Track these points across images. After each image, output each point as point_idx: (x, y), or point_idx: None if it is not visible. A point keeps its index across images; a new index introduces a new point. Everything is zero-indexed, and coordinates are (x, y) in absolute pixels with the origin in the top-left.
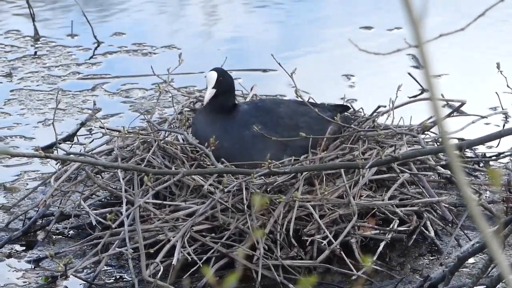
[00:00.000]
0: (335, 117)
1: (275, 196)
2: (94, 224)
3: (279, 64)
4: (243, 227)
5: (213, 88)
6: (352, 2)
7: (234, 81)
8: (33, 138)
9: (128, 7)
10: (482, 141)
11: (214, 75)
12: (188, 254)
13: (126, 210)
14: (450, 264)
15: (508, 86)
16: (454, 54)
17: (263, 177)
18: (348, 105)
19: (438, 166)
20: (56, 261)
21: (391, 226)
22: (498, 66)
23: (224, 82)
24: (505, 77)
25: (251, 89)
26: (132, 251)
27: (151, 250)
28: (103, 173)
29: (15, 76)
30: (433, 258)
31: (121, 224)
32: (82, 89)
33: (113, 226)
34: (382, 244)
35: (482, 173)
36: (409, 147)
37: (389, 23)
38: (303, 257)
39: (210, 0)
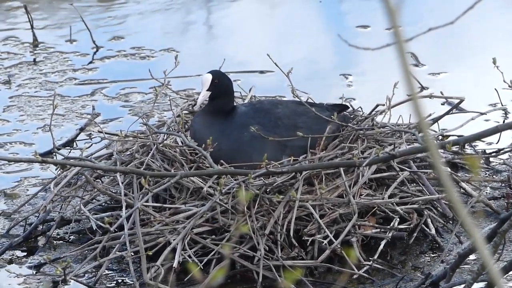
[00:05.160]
0: (332, 116)
1: (273, 196)
2: (94, 229)
3: (275, 64)
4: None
5: (207, 90)
6: (348, 0)
7: (233, 83)
8: (33, 144)
9: (127, 11)
10: (479, 136)
11: (208, 77)
12: (189, 256)
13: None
14: (451, 261)
15: (504, 81)
16: (452, 50)
17: (262, 178)
18: (347, 104)
19: None
20: (55, 266)
21: (391, 224)
22: (494, 62)
23: (221, 84)
24: (502, 72)
25: (250, 91)
26: (133, 254)
27: (150, 253)
28: (102, 178)
29: (14, 83)
30: (434, 255)
31: (122, 228)
32: (81, 94)
33: (111, 229)
34: (383, 243)
35: (482, 170)
36: (409, 145)
37: (386, 22)
38: (304, 257)
39: (208, 3)
